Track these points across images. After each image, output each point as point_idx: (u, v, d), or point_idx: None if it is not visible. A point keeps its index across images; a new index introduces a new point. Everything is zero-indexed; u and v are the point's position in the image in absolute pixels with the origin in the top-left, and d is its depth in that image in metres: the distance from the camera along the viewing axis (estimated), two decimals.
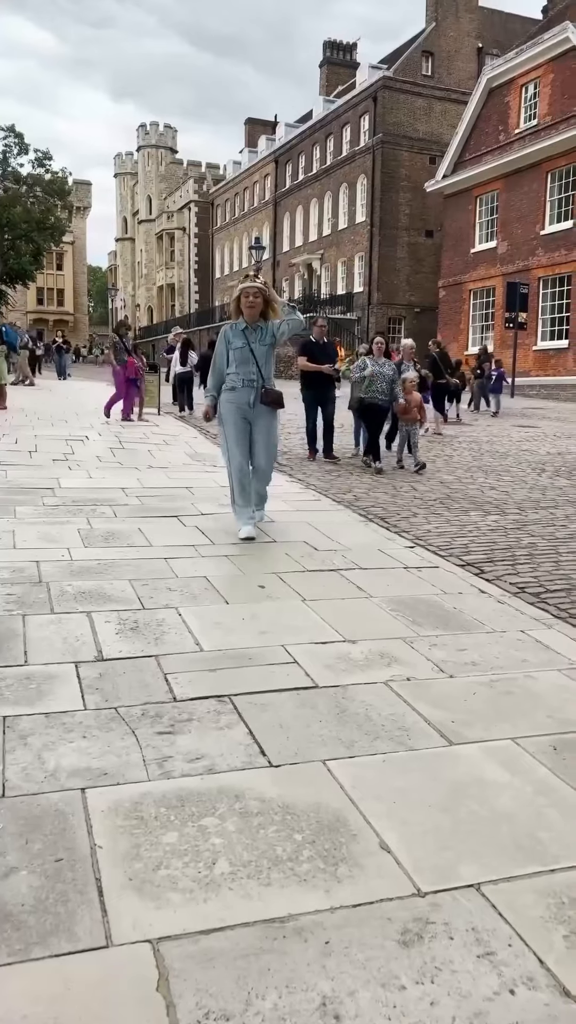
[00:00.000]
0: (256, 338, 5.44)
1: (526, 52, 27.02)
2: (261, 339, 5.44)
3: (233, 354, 5.43)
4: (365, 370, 9.22)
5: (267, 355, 5.48)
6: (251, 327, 5.43)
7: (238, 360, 5.41)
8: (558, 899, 1.90)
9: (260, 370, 5.44)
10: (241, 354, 5.40)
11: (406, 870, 1.98)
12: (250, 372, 5.41)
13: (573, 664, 3.45)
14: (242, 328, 5.43)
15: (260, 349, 5.43)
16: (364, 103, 39.29)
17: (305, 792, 2.31)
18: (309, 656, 3.37)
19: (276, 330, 5.47)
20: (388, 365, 9.43)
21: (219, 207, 60.57)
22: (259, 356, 5.43)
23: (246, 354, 5.41)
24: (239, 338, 5.42)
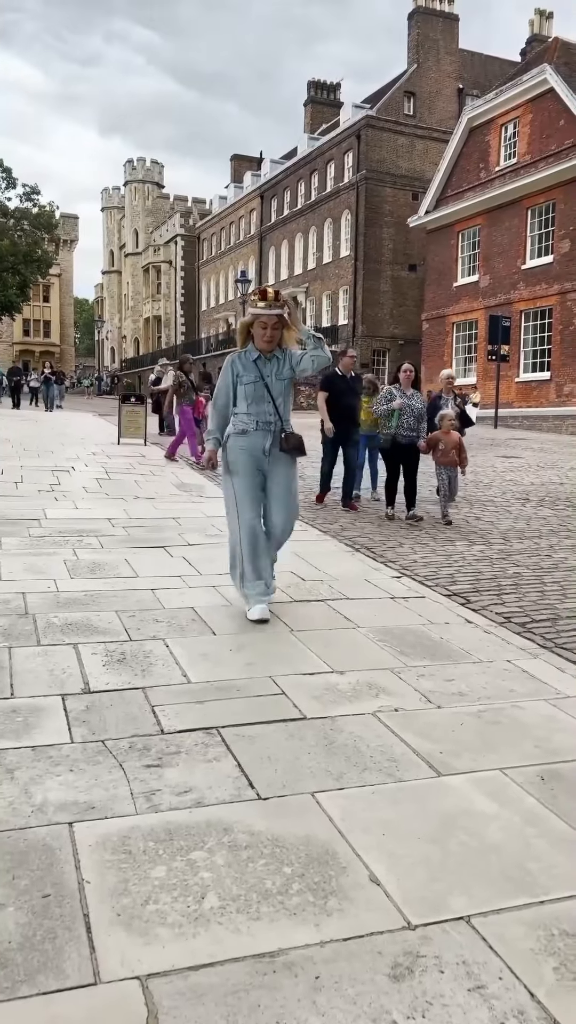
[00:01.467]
0: (271, 370, 4.38)
1: (505, 93, 27.70)
2: (278, 372, 4.39)
3: (243, 390, 4.36)
4: (392, 401, 8.02)
5: (285, 391, 4.44)
6: (265, 357, 4.38)
7: (250, 397, 4.36)
8: (548, 931, 1.90)
9: (277, 410, 4.39)
10: (254, 390, 4.35)
11: (396, 903, 1.98)
12: (265, 412, 4.36)
13: (559, 694, 3.47)
14: (254, 358, 4.37)
15: (277, 384, 4.39)
16: (348, 141, 40.08)
17: (294, 825, 2.30)
18: (297, 687, 3.37)
19: (295, 362, 4.39)
20: (417, 397, 8.25)
21: (205, 241, 61.30)
22: (276, 392, 4.38)
23: (260, 390, 4.36)
24: (250, 371, 4.37)
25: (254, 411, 4.36)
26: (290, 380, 4.45)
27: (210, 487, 9.85)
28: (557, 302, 25.44)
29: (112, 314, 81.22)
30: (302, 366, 4.37)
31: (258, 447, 4.37)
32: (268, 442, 4.38)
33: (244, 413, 4.38)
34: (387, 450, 8.25)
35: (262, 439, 4.37)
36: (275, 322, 4.27)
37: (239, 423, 4.39)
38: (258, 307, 4.27)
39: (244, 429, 4.37)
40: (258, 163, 57.18)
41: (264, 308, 4.26)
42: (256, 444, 4.37)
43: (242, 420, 4.38)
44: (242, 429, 4.37)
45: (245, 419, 4.38)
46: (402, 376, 8.25)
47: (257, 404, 4.37)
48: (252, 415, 4.36)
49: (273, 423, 4.38)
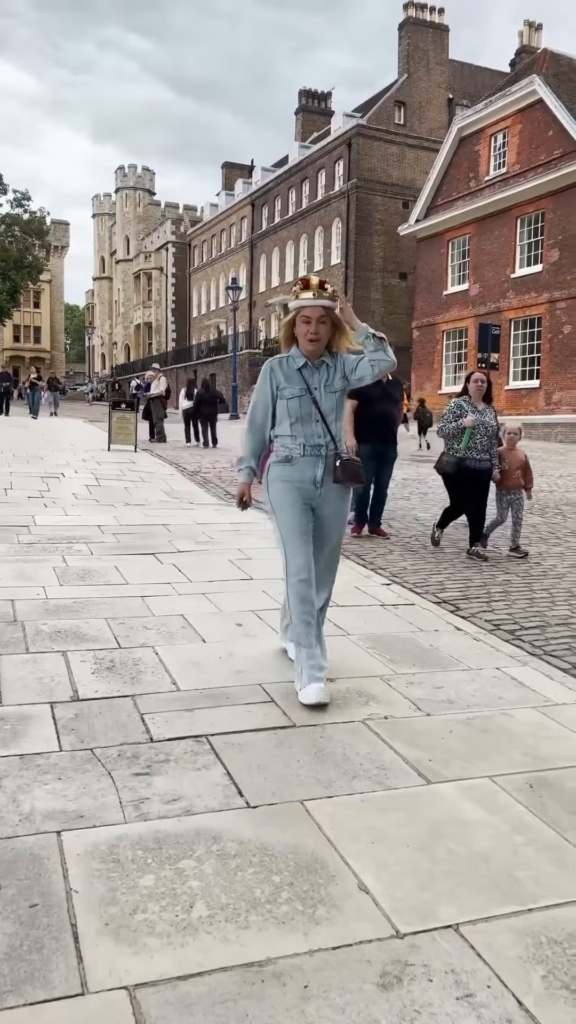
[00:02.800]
0: (320, 380, 3.45)
1: (495, 103, 27.89)
2: (328, 382, 3.46)
3: (286, 406, 3.45)
4: (463, 418, 6.65)
5: (337, 406, 3.52)
6: (312, 364, 3.47)
7: (295, 415, 3.44)
8: (536, 939, 1.91)
9: (329, 430, 3.46)
10: (299, 406, 3.44)
11: (384, 911, 1.98)
12: (315, 434, 3.45)
13: (548, 701, 3.48)
14: (298, 366, 3.46)
15: (327, 398, 3.46)
16: (339, 149, 40.26)
17: (283, 833, 2.30)
18: (287, 695, 3.37)
19: (350, 369, 3.48)
20: (489, 413, 6.86)
21: (196, 248, 61.41)
22: (326, 408, 3.45)
23: (307, 406, 3.43)
24: (295, 381, 3.45)
25: (300, 432, 3.44)
26: (343, 392, 3.51)
27: (200, 494, 9.85)
28: (546, 311, 25.59)
29: (103, 320, 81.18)
30: (359, 373, 3.45)
31: (307, 478, 3.44)
32: (319, 471, 3.44)
33: (288, 435, 3.45)
34: (451, 476, 6.85)
35: (311, 468, 3.44)
36: (321, 315, 3.36)
37: (281, 448, 3.47)
38: (300, 298, 3.39)
39: (288, 456, 3.45)
40: (249, 171, 57.39)
41: (308, 298, 3.37)
42: (305, 474, 3.44)
43: (285, 444, 3.46)
44: (285, 456, 3.45)
45: (289, 443, 3.45)
46: (472, 387, 6.88)
47: (304, 424, 3.44)
48: (298, 438, 3.44)
49: (325, 447, 3.45)
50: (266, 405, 3.52)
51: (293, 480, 3.45)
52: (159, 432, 18.19)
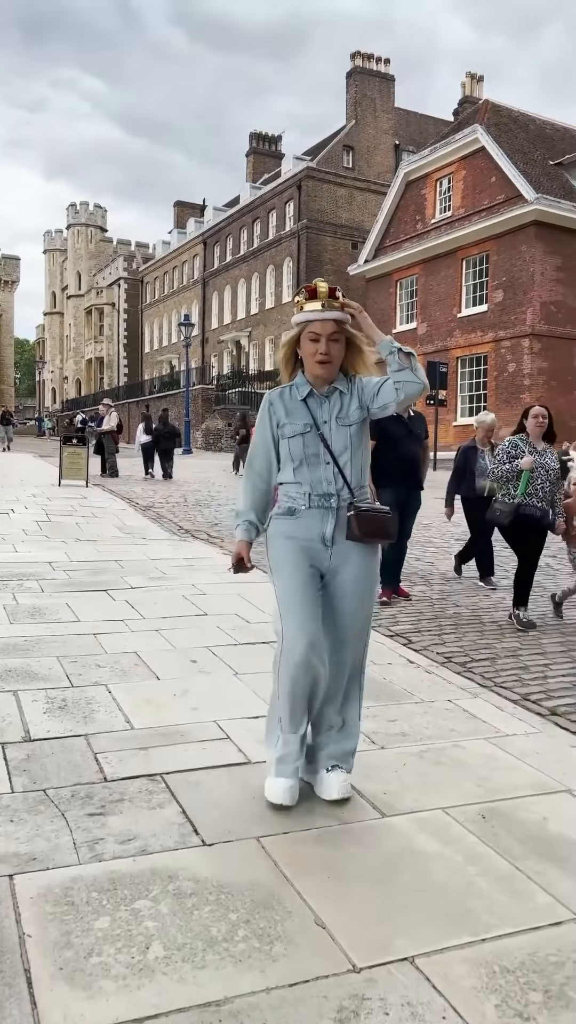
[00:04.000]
0: (331, 411, 2.77)
1: (440, 150, 28.84)
2: (341, 413, 2.77)
3: (289, 446, 2.77)
4: (519, 459, 5.71)
5: (353, 443, 2.78)
6: (319, 393, 2.78)
7: (298, 457, 2.75)
8: (489, 968, 1.93)
9: (342, 472, 2.75)
10: (303, 446, 2.75)
11: (341, 946, 1.99)
12: (323, 480, 2.74)
13: (499, 732, 3.54)
14: (303, 395, 2.78)
15: (340, 433, 2.76)
16: (289, 191, 41.09)
17: (239, 870, 2.30)
18: (242, 731, 3.37)
19: (370, 395, 2.77)
20: (550, 454, 5.94)
21: (148, 284, 61.72)
22: (338, 447, 2.75)
23: (313, 445, 2.74)
24: (298, 415, 2.77)
25: (306, 478, 2.74)
26: (362, 425, 2.80)
27: (153, 529, 9.81)
28: (492, 349, 26.31)
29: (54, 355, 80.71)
30: (381, 400, 2.73)
31: (314, 535, 2.74)
32: (328, 526, 2.74)
33: (292, 482, 2.78)
34: (505, 527, 5.90)
35: (318, 522, 2.74)
36: (333, 331, 2.68)
37: (285, 498, 2.82)
38: (306, 310, 2.70)
39: (291, 507, 2.78)
40: (201, 210, 58.13)
41: (315, 310, 2.68)
42: (311, 531, 2.74)
43: (289, 494, 2.80)
44: (289, 507, 2.79)
45: (293, 492, 2.78)
46: (531, 423, 5.85)
47: (310, 467, 2.73)
48: (303, 485, 2.74)
49: (336, 495, 2.73)
50: (267, 448, 2.82)
51: (296, 537, 2.74)
52: (111, 467, 18.10)
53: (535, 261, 24.98)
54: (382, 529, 2.76)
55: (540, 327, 25.06)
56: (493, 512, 5.89)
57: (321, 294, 2.70)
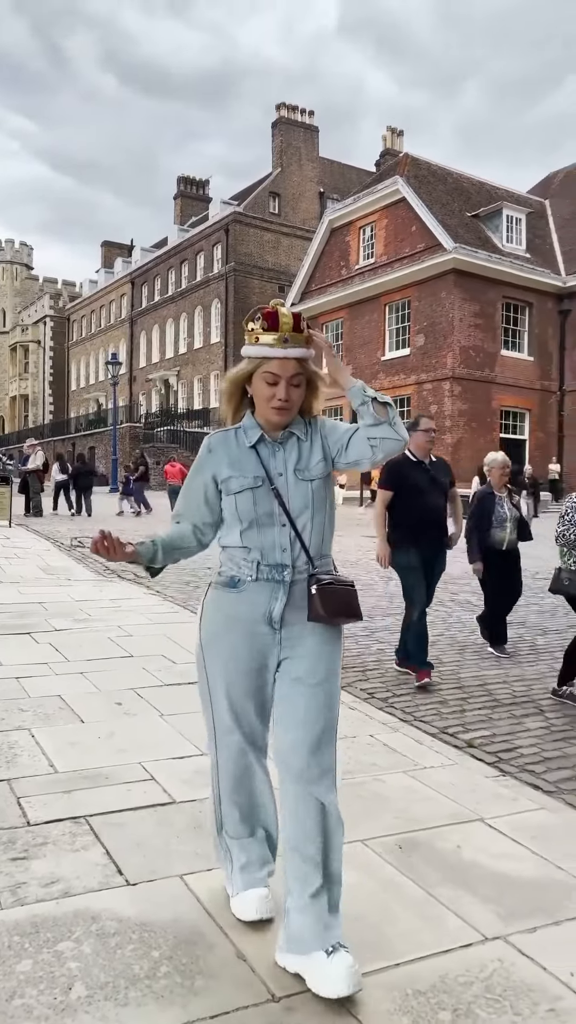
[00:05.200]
0: (287, 462, 2.23)
1: (363, 199, 29.88)
2: (301, 466, 2.23)
3: (236, 504, 2.21)
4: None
5: (315, 501, 2.23)
6: (273, 439, 2.24)
7: (247, 517, 2.20)
8: (403, 991, 2.02)
9: (300, 537, 2.20)
10: (254, 503, 2.20)
11: (261, 977, 2.05)
12: (276, 545, 2.19)
13: (417, 765, 3.67)
14: (253, 441, 2.23)
15: (300, 489, 2.22)
16: (217, 234, 41.83)
17: (163, 908, 2.34)
18: (167, 772, 3.40)
19: (337, 446, 2.25)
20: None
21: (75, 322, 61.47)
22: (296, 506, 2.20)
23: (266, 503, 2.20)
24: (246, 467, 2.22)
25: (255, 543, 2.19)
26: (325, 481, 2.26)
27: (77, 569, 9.72)
28: (414, 391, 27.12)
29: None
30: (352, 455, 2.22)
31: (258, 613, 2.19)
32: (277, 603, 2.18)
33: (238, 547, 2.22)
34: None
35: (265, 598, 2.18)
36: (295, 373, 2.16)
37: (228, 565, 2.25)
38: (262, 342, 2.17)
39: (234, 577, 2.22)
40: (129, 250, 58.48)
41: (276, 345, 2.14)
42: (255, 608, 2.19)
43: (234, 559, 2.23)
44: (230, 576, 2.23)
45: (240, 558, 2.21)
46: None
47: (261, 530, 2.19)
48: (251, 551, 2.19)
49: (291, 567, 2.19)
50: (198, 498, 2.27)
51: (239, 617, 2.19)
52: (35, 506, 17.84)
53: (454, 307, 25.98)
54: (350, 607, 2.21)
55: (460, 370, 25.99)
56: (560, 582, 5.12)
57: (284, 325, 2.14)
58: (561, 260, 28.98)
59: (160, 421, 40.88)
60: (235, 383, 2.26)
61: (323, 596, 2.17)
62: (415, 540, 5.26)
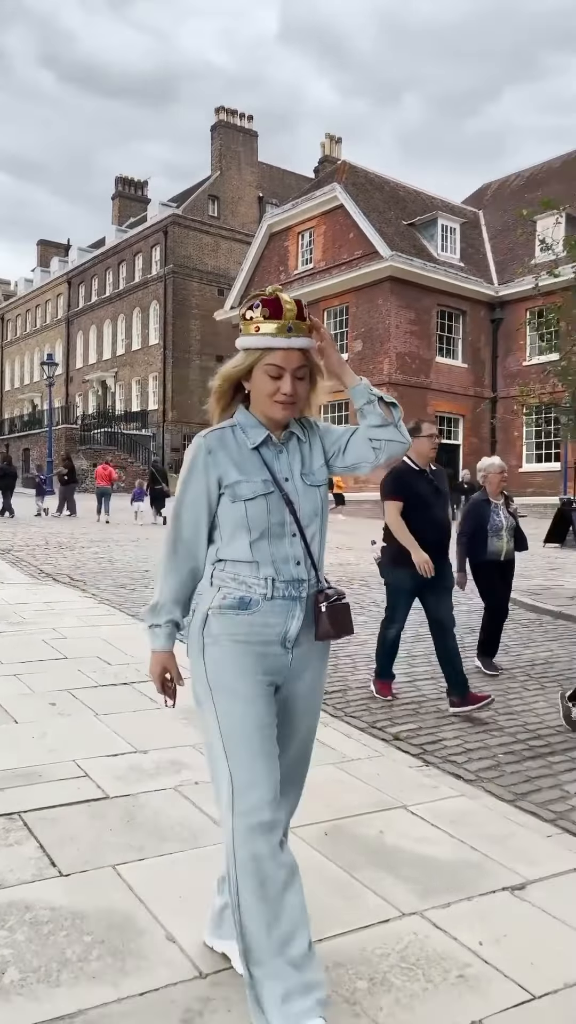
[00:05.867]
0: (292, 465, 2.06)
1: (301, 205, 30.16)
2: (306, 471, 2.08)
3: (245, 512, 1.97)
4: None
5: (324, 511, 2.11)
6: (276, 439, 2.06)
7: (258, 526, 1.98)
8: (323, 965, 2.15)
9: (309, 550, 2.04)
10: (267, 511, 1.98)
11: (190, 957, 2.15)
12: (291, 558, 2.01)
13: (345, 757, 3.81)
14: (256, 442, 2.03)
15: (309, 496, 2.06)
16: (155, 235, 41.63)
17: (95, 897, 2.42)
18: (101, 769, 3.47)
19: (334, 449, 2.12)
20: None
21: (10, 322, 60.31)
22: (306, 513, 2.04)
23: (278, 511, 2.00)
24: (253, 469, 2.01)
25: (266, 557, 1.98)
26: (327, 489, 2.12)
27: (11, 572, 9.62)
28: None
29: None
30: (351, 458, 2.09)
31: (273, 635, 1.98)
32: (295, 623, 2.00)
33: (245, 561, 1.98)
34: None
35: (282, 618, 1.99)
36: (299, 365, 2.00)
37: (232, 584, 1.99)
38: (264, 332, 1.98)
39: (243, 597, 1.97)
40: (66, 250, 57.69)
41: (279, 334, 1.97)
42: (270, 629, 1.98)
43: (240, 577, 1.98)
44: (238, 598, 1.97)
45: (247, 575, 1.98)
46: None
47: (273, 542, 1.99)
48: (263, 566, 1.98)
49: (307, 581, 2.03)
50: (200, 510, 2.01)
51: (251, 640, 1.96)
52: None
53: (391, 314, 26.44)
54: (350, 623, 2.09)
55: (396, 376, 26.44)
56: None
57: (288, 313, 1.96)
58: (494, 270, 29.76)
59: (97, 423, 40.46)
60: (231, 380, 2.06)
61: (332, 613, 2.03)
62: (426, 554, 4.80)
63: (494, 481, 5.85)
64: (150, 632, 2.06)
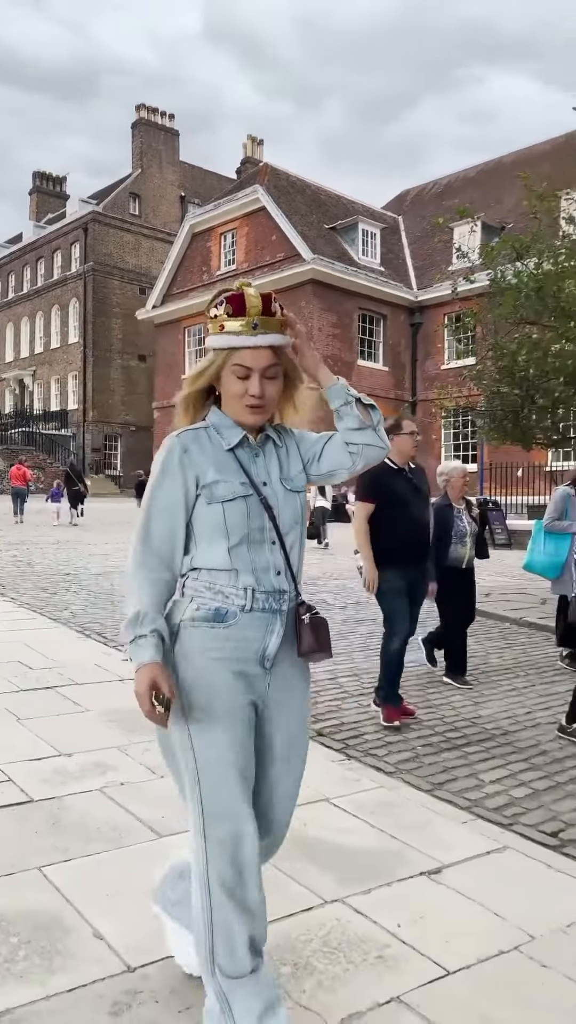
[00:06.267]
0: (269, 470, 1.94)
1: (223, 206, 30.18)
2: (285, 475, 1.96)
3: (224, 514, 1.84)
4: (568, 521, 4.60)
5: (303, 518, 1.99)
6: (252, 442, 1.93)
7: (238, 532, 1.84)
8: None
9: (289, 561, 1.91)
10: (247, 515, 1.86)
11: (118, 952, 2.19)
12: (271, 567, 1.87)
13: None
14: (232, 443, 1.90)
15: (289, 502, 1.94)
16: (75, 232, 40.92)
17: (21, 899, 2.42)
18: (24, 773, 3.45)
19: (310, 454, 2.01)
20: None
21: None
22: (286, 520, 1.92)
23: (257, 516, 1.87)
24: (232, 470, 1.88)
25: (245, 565, 1.85)
26: (303, 496, 2.01)
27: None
28: None
29: None
30: (328, 464, 1.99)
31: (250, 651, 1.85)
32: (274, 639, 1.87)
33: (222, 569, 1.85)
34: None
35: (261, 632, 1.86)
36: (269, 364, 1.87)
37: (206, 595, 1.85)
38: (228, 330, 1.86)
39: (219, 609, 1.84)
40: None
41: (244, 332, 1.84)
42: (247, 645, 1.85)
43: (214, 586, 1.85)
44: (213, 609, 1.84)
45: (223, 584, 1.85)
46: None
47: (253, 548, 1.86)
48: (241, 575, 1.85)
49: (288, 592, 1.89)
50: (177, 515, 1.86)
51: (226, 656, 1.83)
52: None
53: (313, 317, 26.72)
54: (330, 641, 1.93)
55: None
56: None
57: (252, 308, 1.83)
58: (413, 275, 30.42)
59: (14, 422, 39.51)
60: (199, 385, 1.94)
61: (315, 627, 1.88)
62: (398, 560, 4.58)
63: (456, 485, 5.64)
64: (133, 646, 1.77)
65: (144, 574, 1.83)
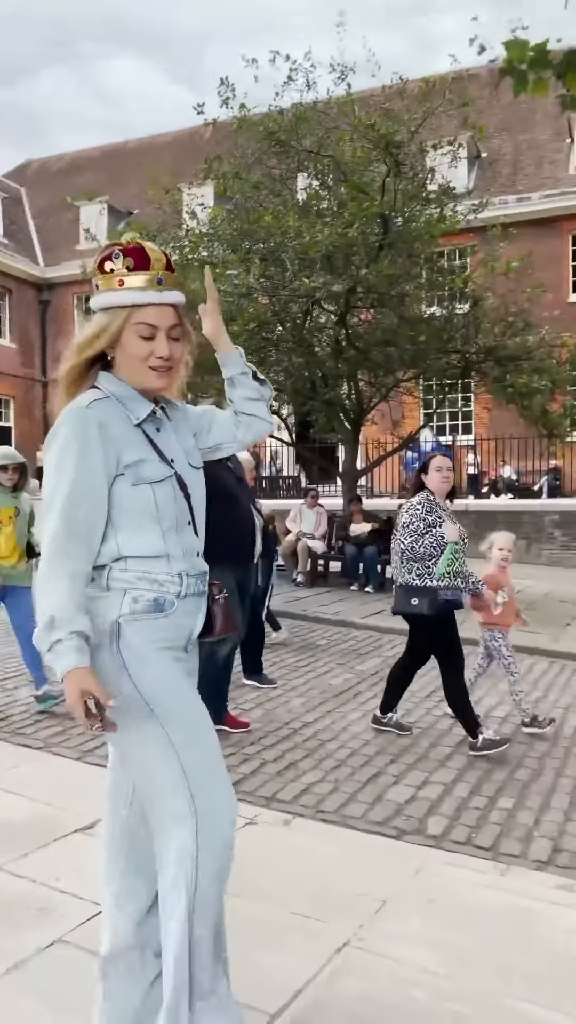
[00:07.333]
0: (176, 446, 1.79)
1: None
2: (190, 451, 1.83)
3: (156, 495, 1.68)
4: (439, 526, 4.16)
5: (204, 492, 1.85)
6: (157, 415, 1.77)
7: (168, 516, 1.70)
8: None
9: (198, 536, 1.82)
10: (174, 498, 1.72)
11: None
12: (194, 551, 1.78)
13: None
14: (141, 417, 1.71)
15: (196, 479, 1.82)
16: None
17: None
18: None
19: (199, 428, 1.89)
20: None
21: None
22: (197, 499, 1.79)
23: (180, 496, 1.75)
24: (144, 447, 1.71)
25: (178, 549, 1.72)
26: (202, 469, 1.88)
27: None
28: None
29: None
30: (216, 438, 1.92)
31: (182, 639, 1.75)
32: (198, 622, 1.78)
33: (157, 556, 1.69)
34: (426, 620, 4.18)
35: (192, 617, 1.76)
36: (174, 323, 1.71)
37: (142, 585, 1.68)
38: (129, 286, 1.67)
39: (158, 599, 1.68)
40: None
41: (149, 287, 1.67)
42: (181, 632, 1.74)
43: (149, 575, 1.68)
44: (152, 600, 1.68)
45: (159, 572, 1.69)
46: (437, 478, 4.27)
47: (180, 533, 1.74)
48: (176, 559, 1.71)
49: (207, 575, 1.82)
50: (100, 497, 1.65)
51: (169, 647, 1.70)
52: None
53: None
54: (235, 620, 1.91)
55: None
56: (406, 604, 4.17)
57: (156, 263, 1.68)
58: (39, 250, 29.44)
59: None
60: (94, 351, 1.70)
61: (225, 609, 1.84)
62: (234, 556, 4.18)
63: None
64: (52, 653, 1.54)
65: (66, 566, 1.59)
